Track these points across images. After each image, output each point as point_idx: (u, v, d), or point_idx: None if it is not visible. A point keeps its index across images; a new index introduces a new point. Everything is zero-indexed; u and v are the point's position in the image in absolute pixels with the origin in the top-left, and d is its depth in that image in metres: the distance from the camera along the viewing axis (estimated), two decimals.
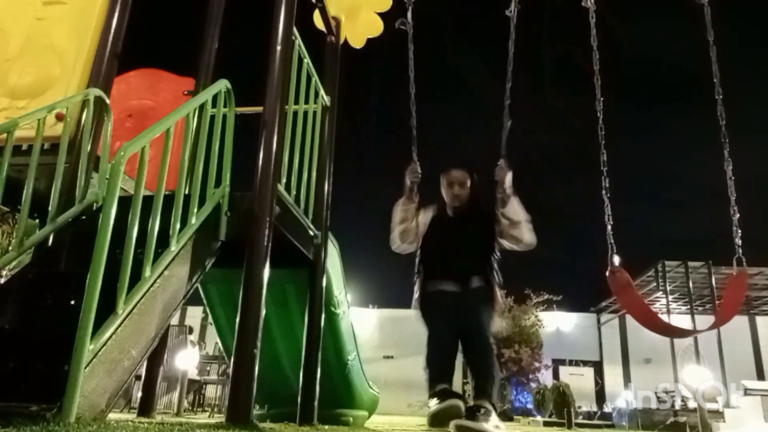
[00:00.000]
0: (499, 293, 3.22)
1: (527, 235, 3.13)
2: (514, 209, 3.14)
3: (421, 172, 3.34)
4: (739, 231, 3.84)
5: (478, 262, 3.13)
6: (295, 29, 3.23)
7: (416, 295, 3.22)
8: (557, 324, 17.77)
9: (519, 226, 3.12)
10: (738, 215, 3.86)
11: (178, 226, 2.35)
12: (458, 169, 3.27)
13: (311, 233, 3.61)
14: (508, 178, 3.17)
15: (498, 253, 3.21)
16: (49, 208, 2.70)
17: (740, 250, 3.83)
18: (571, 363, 17.71)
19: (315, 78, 3.69)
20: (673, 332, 5.14)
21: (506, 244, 3.19)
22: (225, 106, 2.87)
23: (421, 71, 4.39)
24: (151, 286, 2.16)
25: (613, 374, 17.50)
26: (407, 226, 3.30)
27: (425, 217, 3.33)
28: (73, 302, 2.05)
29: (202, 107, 2.79)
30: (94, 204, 2.90)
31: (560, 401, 11.02)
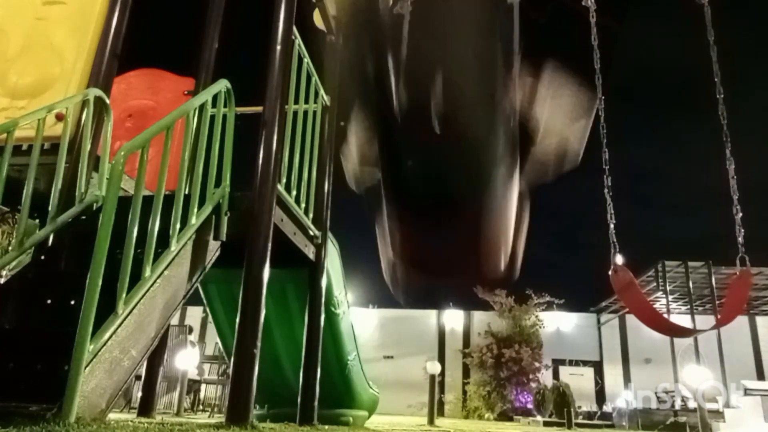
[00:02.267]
0: None
1: None
2: None
3: None
4: (742, 230, 3.83)
5: None
6: (295, 29, 3.23)
7: None
8: (557, 324, 17.77)
9: None
10: (741, 214, 3.86)
11: (178, 226, 2.35)
12: None
13: (311, 233, 3.61)
14: None
15: None
16: (49, 208, 2.70)
17: (743, 249, 3.82)
18: (571, 363, 17.70)
19: (315, 78, 3.69)
20: (675, 331, 5.13)
21: None
22: (225, 106, 2.87)
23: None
24: (151, 286, 2.16)
25: (613, 374, 17.49)
26: None
27: None
28: (73, 302, 2.05)
29: (202, 107, 2.79)
30: (94, 204, 2.90)
31: (560, 401, 11.02)
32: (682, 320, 14.87)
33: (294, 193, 3.28)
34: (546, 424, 10.04)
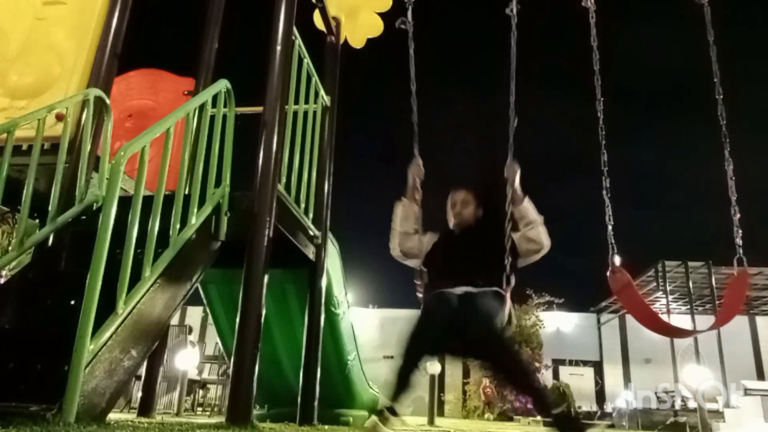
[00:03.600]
0: (509, 305, 2.92)
1: (545, 236, 3.01)
2: (527, 208, 3.05)
3: (423, 168, 3.29)
4: (740, 231, 3.82)
5: (483, 267, 2.95)
6: (295, 29, 3.23)
7: (421, 296, 3.13)
8: (557, 324, 17.77)
9: (535, 226, 3.00)
10: (738, 215, 3.85)
11: (178, 226, 2.35)
12: (461, 190, 3.24)
13: (311, 233, 3.61)
14: (517, 176, 3.10)
15: (510, 260, 2.96)
16: (49, 208, 2.70)
17: (741, 250, 3.82)
18: (571, 363, 17.70)
19: (315, 78, 3.69)
20: (673, 332, 5.13)
21: (524, 251, 3.03)
22: (225, 106, 2.87)
23: (422, 70, 4.39)
24: (151, 286, 2.16)
25: (613, 374, 17.50)
26: (408, 229, 3.23)
27: (432, 238, 3.25)
28: (73, 302, 2.05)
29: (202, 107, 2.79)
30: (94, 204, 2.90)
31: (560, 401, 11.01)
32: (682, 320, 14.87)
33: (294, 193, 3.28)
34: (546, 424, 10.04)
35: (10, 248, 2.63)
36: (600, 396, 16.89)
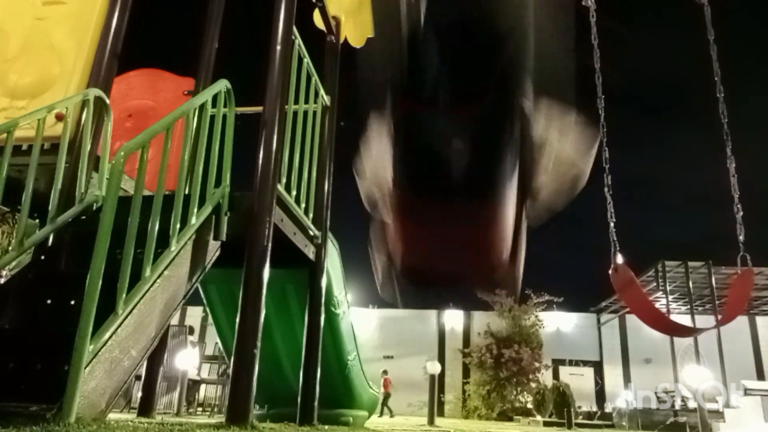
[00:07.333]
0: None
1: None
2: None
3: None
4: (743, 229, 3.82)
5: None
6: (295, 29, 3.23)
7: None
8: (557, 324, 17.78)
9: None
10: (741, 213, 3.85)
11: (178, 226, 2.35)
12: None
13: (311, 233, 3.61)
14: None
15: None
16: (49, 208, 2.70)
17: (744, 248, 3.82)
18: (571, 363, 17.71)
19: (315, 78, 3.69)
20: (676, 330, 5.12)
21: None
22: (225, 106, 2.87)
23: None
24: (151, 286, 2.16)
25: (613, 374, 17.51)
26: None
27: None
28: (73, 302, 2.05)
29: (202, 107, 2.79)
30: (94, 204, 2.90)
31: (560, 401, 11.02)
32: (683, 320, 14.88)
33: (294, 193, 3.28)
34: (546, 424, 10.05)
35: (10, 248, 2.63)
36: (600, 396, 16.91)
